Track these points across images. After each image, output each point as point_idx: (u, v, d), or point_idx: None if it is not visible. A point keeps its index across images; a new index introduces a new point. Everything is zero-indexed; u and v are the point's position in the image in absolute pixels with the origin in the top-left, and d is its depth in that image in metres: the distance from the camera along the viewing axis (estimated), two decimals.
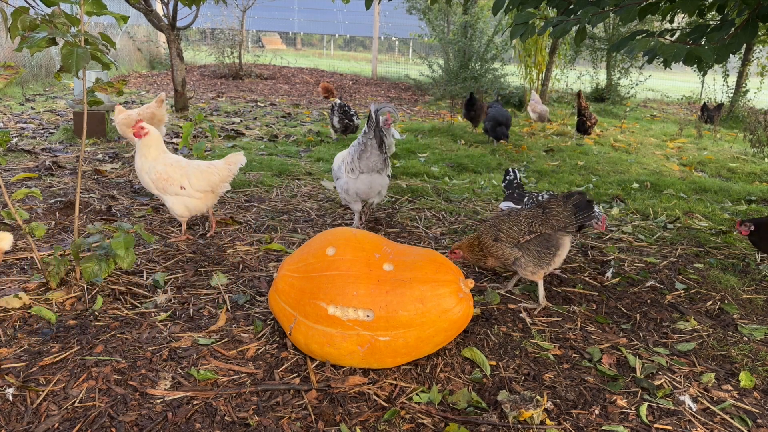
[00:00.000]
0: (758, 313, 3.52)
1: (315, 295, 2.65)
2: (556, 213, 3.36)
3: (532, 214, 3.41)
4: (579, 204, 3.37)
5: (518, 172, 4.46)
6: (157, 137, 3.99)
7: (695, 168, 7.71)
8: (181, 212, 4.05)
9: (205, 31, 23.09)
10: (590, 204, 3.40)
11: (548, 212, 3.38)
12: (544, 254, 3.36)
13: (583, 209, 3.37)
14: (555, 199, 3.42)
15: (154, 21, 9.08)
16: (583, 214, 3.37)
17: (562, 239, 3.39)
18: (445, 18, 15.70)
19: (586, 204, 3.39)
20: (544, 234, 3.36)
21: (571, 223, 3.36)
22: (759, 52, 13.73)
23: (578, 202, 3.38)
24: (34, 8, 3.12)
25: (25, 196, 4.18)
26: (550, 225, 3.35)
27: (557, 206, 3.38)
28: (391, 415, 2.40)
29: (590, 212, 3.38)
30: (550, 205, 3.40)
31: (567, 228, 3.38)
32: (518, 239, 3.37)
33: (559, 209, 3.36)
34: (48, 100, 10.57)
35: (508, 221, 3.43)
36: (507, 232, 3.40)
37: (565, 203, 3.37)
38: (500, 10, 4.11)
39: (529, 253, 3.37)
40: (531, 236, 3.36)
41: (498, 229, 3.43)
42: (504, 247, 3.41)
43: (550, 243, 3.36)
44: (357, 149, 4.30)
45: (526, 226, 3.37)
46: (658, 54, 3.33)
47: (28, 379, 2.50)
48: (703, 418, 2.50)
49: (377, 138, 4.21)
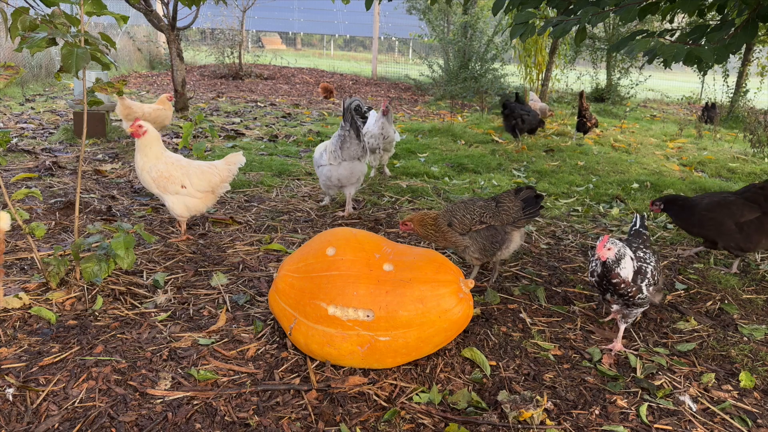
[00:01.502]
0: (758, 313, 3.52)
1: (315, 295, 2.65)
2: (508, 207, 3.49)
3: (486, 206, 3.53)
4: (527, 199, 3.48)
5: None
6: (156, 136, 3.99)
7: (695, 168, 7.71)
8: (181, 212, 4.05)
9: (205, 32, 23.09)
10: (539, 199, 3.52)
11: (501, 206, 3.51)
12: (490, 246, 3.50)
13: (531, 204, 3.49)
14: (508, 194, 3.55)
15: (154, 21, 9.08)
16: (531, 209, 3.49)
17: (511, 234, 3.52)
18: (445, 18, 15.70)
19: (535, 199, 3.50)
20: (493, 226, 3.48)
21: (520, 218, 3.49)
22: (759, 52, 13.72)
23: (527, 197, 3.50)
24: (34, 8, 3.12)
25: (25, 196, 4.18)
26: (500, 219, 3.48)
27: (509, 201, 3.51)
28: (391, 415, 2.40)
29: (538, 207, 3.50)
30: (503, 200, 3.53)
31: (516, 223, 3.49)
32: (470, 227, 3.48)
33: (511, 204, 3.50)
34: (48, 100, 10.57)
35: (463, 209, 3.53)
36: (460, 219, 3.50)
37: (516, 197, 3.49)
38: (500, 10, 4.11)
39: (476, 243, 3.50)
40: (481, 226, 3.48)
41: (453, 215, 3.53)
42: (456, 233, 3.52)
43: (498, 236, 3.49)
44: (338, 140, 4.67)
45: (478, 216, 3.49)
46: (658, 54, 3.33)
47: (28, 379, 2.50)
48: (703, 418, 2.50)
49: (354, 129, 4.62)
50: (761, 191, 3.92)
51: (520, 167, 7.15)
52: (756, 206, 3.89)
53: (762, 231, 3.87)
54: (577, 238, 4.68)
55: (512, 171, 6.95)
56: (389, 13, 23.73)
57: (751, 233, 3.88)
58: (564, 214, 5.32)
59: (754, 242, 3.90)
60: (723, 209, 3.93)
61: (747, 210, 3.88)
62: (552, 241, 4.59)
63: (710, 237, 4.03)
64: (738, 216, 3.88)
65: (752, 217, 3.87)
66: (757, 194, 3.93)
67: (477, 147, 8.27)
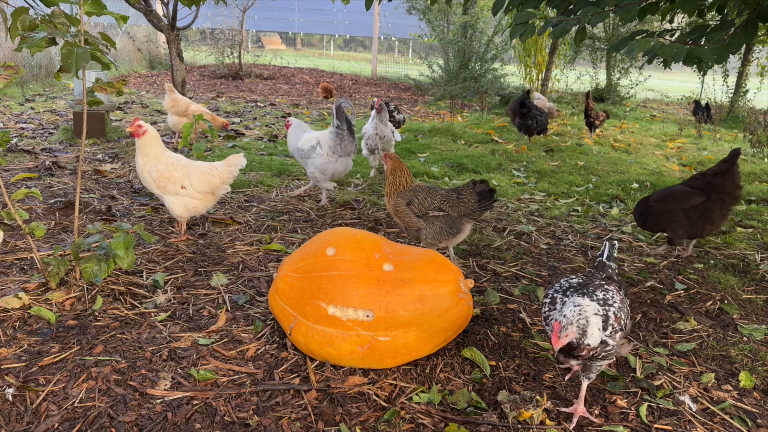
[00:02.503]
0: (758, 313, 3.52)
1: (315, 295, 2.65)
2: (466, 200, 3.70)
3: (447, 195, 3.74)
4: (482, 192, 3.72)
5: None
6: (156, 136, 3.99)
7: (695, 168, 7.70)
8: (181, 212, 4.05)
9: (204, 32, 23.08)
10: (492, 193, 3.74)
11: (461, 198, 3.73)
12: (444, 233, 3.72)
13: (485, 197, 3.71)
14: (467, 187, 3.77)
15: (154, 21, 9.08)
16: (485, 202, 3.72)
17: (464, 224, 3.75)
18: (445, 18, 15.70)
19: (489, 193, 3.72)
20: (450, 215, 3.70)
21: (475, 210, 3.72)
22: (759, 53, 13.71)
23: (482, 190, 3.73)
24: (34, 8, 3.12)
25: (24, 196, 4.18)
26: (458, 209, 3.70)
27: (468, 194, 3.73)
28: (391, 415, 2.40)
29: (491, 200, 3.74)
30: (463, 192, 3.75)
31: (472, 214, 3.73)
32: (426, 212, 3.71)
33: (469, 196, 3.72)
34: (48, 100, 10.57)
35: (424, 193, 3.76)
36: (420, 202, 3.73)
37: (473, 191, 3.73)
38: (500, 11, 4.11)
39: (431, 228, 3.72)
40: (438, 213, 3.70)
41: (414, 195, 3.76)
42: (412, 214, 3.75)
43: (453, 225, 3.71)
44: (336, 138, 5.00)
45: (438, 203, 3.71)
46: (658, 54, 3.33)
47: (27, 380, 2.50)
48: (702, 418, 2.50)
49: (348, 127, 5.01)
50: (703, 178, 4.14)
51: (519, 167, 7.15)
52: (700, 192, 4.09)
53: (707, 216, 4.08)
54: (577, 238, 4.68)
55: (512, 171, 6.95)
56: (389, 13, 23.73)
57: (696, 219, 4.08)
58: (564, 214, 5.32)
59: (699, 228, 4.10)
60: (670, 198, 4.17)
61: (692, 197, 4.09)
62: (552, 241, 4.59)
63: (664, 227, 4.21)
64: (684, 203, 4.09)
65: (697, 203, 4.07)
66: (700, 181, 4.15)
67: (477, 147, 8.27)
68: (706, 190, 4.07)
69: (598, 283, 2.42)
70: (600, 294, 2.34)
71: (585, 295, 2.31)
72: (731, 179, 4.05)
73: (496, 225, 4.90)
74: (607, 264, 2.64)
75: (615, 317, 2.29)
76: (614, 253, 2.72)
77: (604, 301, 2.32)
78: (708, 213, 4.06)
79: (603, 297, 2.33)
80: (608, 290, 2.38)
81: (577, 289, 2.38)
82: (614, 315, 2.29)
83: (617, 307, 2.33)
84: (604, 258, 2.67)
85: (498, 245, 4.42)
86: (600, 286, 2.39)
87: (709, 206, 4.05)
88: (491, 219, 5.05)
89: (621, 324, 2.31)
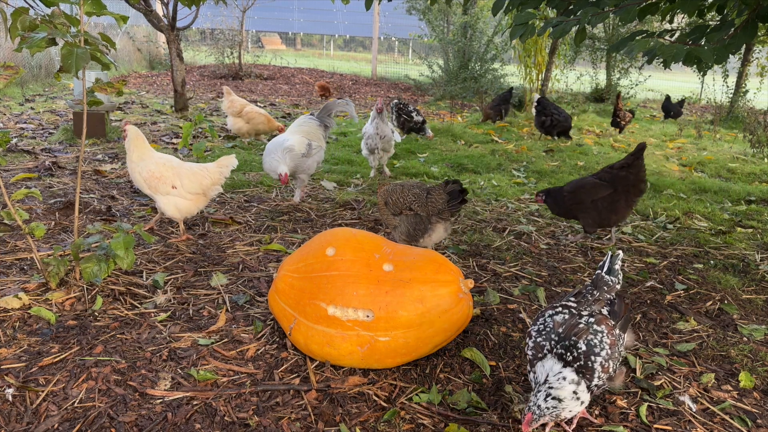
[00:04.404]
0: (758, 313, 3.52)
1: (315, 295, 2.65)
2: (435, 200, 3.74)
3: (418, 194, 3.79)
4: (452, 192, 3.74)
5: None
6: (139, 135, 4.01)
7: (695, 168, 7.71)
8: (172, 213, 4.06)
9: (204, 32, 23.07)
10: (462, 193, 3.75)
11: (429, 198, 3.76)
12: (414, 232, 3.79)
13: (455, 198, 3.74)
14: (438, 187, 3.79)
15: (154, 21, 9.08)
16: (454, 202, 3.74)
17: (435, 224, 3.78)
18: (445, 18, 15.70)
19: (459, 193, 3.74)
20: (419, 215, 3.76)
21: (444, 209, 3.73)
22: (758, 53, 13.71)
23: (452, 190, 3.75)
24: (34, 8, 3.12)
25: (24, 196, 4.18)
26: (427, 209, 3.74)
27: (438, 194, 3.75)
28: (390, 416, 2.40)
29: (460, 201, 3.75)
30: (433, 192, 3.78)
31: (441, 214, 3.74)
32: (400, 210, 3.82)
33: (438, 196, 3.75)
34: (48, 100, 10.57)
35: (398, 193, 3.85)
36: (394, 201, 3.85)
37: (443, 191, 3.76)
38: (500, 11, 4.11)
39: (403, 226, 3.81)
40: (409, 212, 3.78)
41: (390, 195, 3.88)
42: (388, 212, 3.88)
43: (422, 225, 3.78)
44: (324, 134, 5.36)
45: (408, 203, 3.79)
46: (658, 54, 3.33)
47: (27, 380, 2.50)
48: (702, 419, 2.50)
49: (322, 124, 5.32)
50: (611, 170, 4.33)
51: (519, 167, 7.15)
52: (608, 184, 4.27)
53: (612, 207, 4.27)
54: (576, 238, 4.68)
55: (512, 171, 6.95)
56: (389, 14, 23.74)
57: (603, 209, 4.28)
58: None
59: (606, 218, 4.31)
60: (581, 189, 4.35)
61: (600, 188, 4.28)
62: (552, 241, 4.59)
63: (576, 216, 4.39)
64: (593, 194, 4.28)
65: (605, 194, 4.26)
66: (608, 174, 4.33)
67: (477, 147, 8.27)
68: (613, 183, 4.25)
69: (584, 326, 2.20)
70: (582, 346, 2.13)
71: (562, 360, 2.13)
72: (636, 172, 4.22)
73: (496, 225, 4.90)
74: (605, 279, 2.44)
75: (602, 368, 2.13)
76: (616, 265, 2.49)
77: (588, 350, 2.12)
78: (614, 204, 4.26)
79: (586, 348, 2.13)
80: (597, 332, 2.18)
81: (559, 338, 2.19)
82: (600, 366, 2.13)
83: (605, 355, 2.14)
84: (603, 272, 2.48)
85: (498, 245, 4.42)
86: (586, 330, 2.18)
87: (616, 198, 4.25)
88: (491, 219, 5.06)
89: (609, 372, 2.17)
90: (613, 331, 2.25)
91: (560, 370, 2.13)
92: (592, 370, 2.12)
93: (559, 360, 2.16)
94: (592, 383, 2.13)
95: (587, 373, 2.13)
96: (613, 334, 2.24)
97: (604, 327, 2.22)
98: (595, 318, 2.25)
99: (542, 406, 2.09)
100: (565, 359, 2.15)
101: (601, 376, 2.14)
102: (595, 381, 2.14)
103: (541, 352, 2.22)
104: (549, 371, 2.15)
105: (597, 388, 2.17)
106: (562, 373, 2.12)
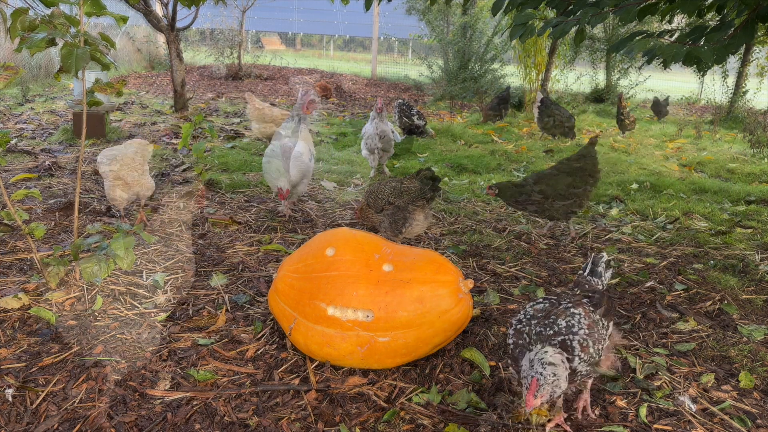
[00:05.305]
0: (758, 314, 3.52)
1: (314, 295, 2.65)
2: (407, 188, 3.95)
3: (394, 187, 4.00)
4: (424, 179, 3.96)
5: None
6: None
7: (695, 168, 7.71)
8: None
9: (204, 32, 23.05)
10: (435, 180, 3.98)
11: (404, 186, 3.97)
12: (396, 223, 3.93)
13: (428, 184, 3.94)
14: (411, 176, 4.03)
15: (154, 22, 9.08)
16: (426, 188, 3.94)
17: (414, 212, 3.94)
18: (445, 19, 15.69)
19: (431, 180, 3.96)
20: (398, 206, 3.93)
21: (419, 196, 3.92)
22: (758, 53, 13.70)
23: (424, 177, 3.98)
24: (34, 9, 3.12)
25: (24, 196, 4.19)
26: (403, 198, 3.93)
27: (410, 182, 3.98)
28: (390, 416, 2.40)
29: (433, 187, 3.95)
30: (405, 181, 4.01)
31: (416, 201, 3.92)
32: (381, 207, 3.99)
33: (410, 184, 3.96)
34: (47, 100, 10.56)
35: (374, 192, 4.05)
36: (374, 200, 4.03)
37: (416, 179, 3.98)
38: (500, 11, 4.11)
39: (386, 221, 3.97)
40: (389, 207, 3.96)
41: (369, 196, 4.08)
42: (372, 212, 4.05)
43: (400, 214, 3.92)
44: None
45: (386, 197, 3.98)
46: (658, 54, 3.33)
47: (27, 380, 2.50)
48: (702, 419, 2.50)
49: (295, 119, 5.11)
50: (568, 162, 4.54)
51: (519, 167, 7.15)
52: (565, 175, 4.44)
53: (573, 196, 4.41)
54: (576, 238, 4.68)
55: (512, 171, 6.95)
56: (389, 14, 23.71)
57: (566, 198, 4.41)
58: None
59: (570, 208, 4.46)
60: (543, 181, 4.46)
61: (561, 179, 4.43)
62: (552, 242, 4.59)
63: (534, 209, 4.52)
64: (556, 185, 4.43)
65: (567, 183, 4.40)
66: (566, 165, 4.51)
67: (476, 147, 8.27)
68: (571, 173, 4.44)
69: (562, 308, 2.29)
70: (562, 322, 2.23)
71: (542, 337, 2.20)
72: (591, 163, 4.46)
73: (496, 225, 4.90)
74: (588, 279, 2.54)
75: (581, 347, 2.19)
76: (600, 267, 2.57)
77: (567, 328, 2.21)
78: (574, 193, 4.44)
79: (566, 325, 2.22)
80: (575, 314, 2.26)
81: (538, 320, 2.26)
82: (579, 345, 2.19)
83: (583, 334, 2.21)
84: (586, 273, 2.58)
85: (498, 245, 4.42)
86: (563, 312, 2.27)
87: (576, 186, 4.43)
88: (491, 219, 5.06)
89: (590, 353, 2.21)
90: (590, 314, 2.31)
91: (544, 347, 2.18)
92: (571, 348, 2.18)
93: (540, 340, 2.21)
94: (573, 363, 2.17)
95: (566, 350, 2.18)
96: (590, 317, 2.30)
97: (581, 310, 2.30)
98: (572, 303, 2.34)
99: (543, 372, 2.10)
100: (546, 334, 2.21)
101: (581, 355, 2.19)
102: (576, 361, 2.17)
103: (521, 338, 2.26)
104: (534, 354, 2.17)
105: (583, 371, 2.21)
106: (545, 349, 2.17)
